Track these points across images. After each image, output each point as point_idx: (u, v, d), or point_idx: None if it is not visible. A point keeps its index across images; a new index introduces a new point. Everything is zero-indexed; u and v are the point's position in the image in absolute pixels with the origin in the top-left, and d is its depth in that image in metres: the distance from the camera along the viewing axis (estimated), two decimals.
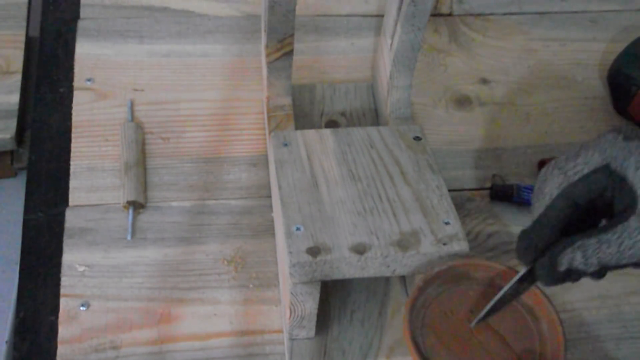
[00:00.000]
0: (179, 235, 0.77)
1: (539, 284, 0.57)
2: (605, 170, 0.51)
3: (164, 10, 0.97)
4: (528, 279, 0.57)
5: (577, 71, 0.96)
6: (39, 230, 0.76)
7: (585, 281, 0.77)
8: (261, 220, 0.79)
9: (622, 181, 0.50)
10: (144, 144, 0.83)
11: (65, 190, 0.79)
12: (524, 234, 0.54)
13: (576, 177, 0.51)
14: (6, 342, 0.76)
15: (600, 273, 0.52)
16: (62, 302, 0.71)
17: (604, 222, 0.54)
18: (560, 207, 0.52)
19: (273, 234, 0.78)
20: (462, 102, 0.92)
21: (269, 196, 0.80)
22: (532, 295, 0.60)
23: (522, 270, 0.57)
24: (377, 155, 0.68)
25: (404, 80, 0.79)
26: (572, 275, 0.52)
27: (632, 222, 0.49)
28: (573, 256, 0.51)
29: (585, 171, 0.51)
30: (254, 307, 0.73)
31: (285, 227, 0.62)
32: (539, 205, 0.53)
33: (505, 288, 0.58)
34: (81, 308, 0.71)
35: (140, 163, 0.80)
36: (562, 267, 0.51)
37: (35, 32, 0.96)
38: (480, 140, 0.88)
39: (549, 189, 0.52)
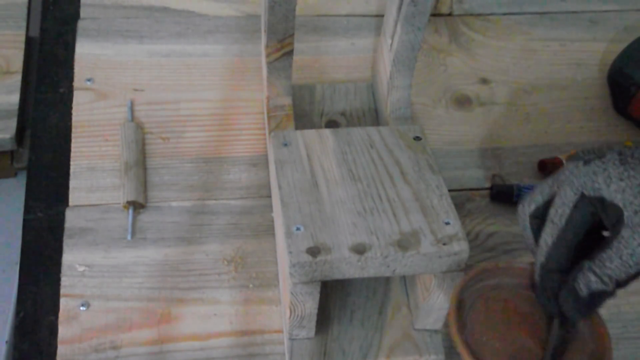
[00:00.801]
0: (179, 235, 0.77)
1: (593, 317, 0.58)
2: (584, 200, 0.52)
3: (164, 10, 0.97)
4: (566, 325, 0.57)
5: (577, 71, 0.96)
6: (39, 230, 0.76)
7: None
8: (261, 220, 0.79)
9: (602, 202, 0.51)
10: (144, 144, 0.83)
11: (65, 190, 0.79)
12: (542, 291, 0.55)
13: (563, 221, 0.53)
14: (6, 342, 0.77)
15: (619, 287, 0.52)
16: (62, 302, 0.72)
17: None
18: (559, 253, 0.54)
19: (273, 234, 0.78)
20: (462, 102, 0.92)
21: (269, 196, 0.80)
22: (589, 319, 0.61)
23: (561, 330, 0.57)
24: (377, 155, 0.68)
25: (404, 80, 0.79)
26: (596, 299, 0.53)
27: (624, 232, 0.50)
28: (588, 279, 0.52)
29: (567, 212, 0.53)
30: (254, 307, 0.73)
31: (285, 227, 0.62)
32: (538, 256, 0.55)
33: (552, 343, 0.58)
34: (81, 308, 0.71)
35: (140, 163, 0.80)
36: (584, 292, 0.53)
37: (35, 32, 0.96)
38: (480, 140, 0.88)
39: (543, 241, 0.54)
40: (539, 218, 0.56)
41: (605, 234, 0.54)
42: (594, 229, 0.54)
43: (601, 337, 0.59)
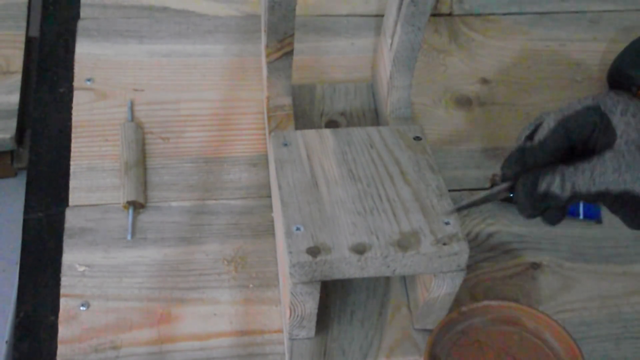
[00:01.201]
0: (179, 235, 0.77)
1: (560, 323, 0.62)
2: (597, 109, 0.56)
3: (164, 10, 0.97)
4: (506, 192, 0.60)
5: (577, 71, 0.96)
6: (39, 230, 0.76)
7: (586, 281, 0.77)
8: (261, 220, 0.79)
9: (608, 123, 0.55)
10: (144, 144, 0.83)
11: (65, 190, 0.79)
12: (518, 150, 0.58)
13: (571, 111, 0.57)
14: (6, 342, 0.77)
15: (571, 201, 0.56)
16: (62, 302, 0.71)
17: None
18: (555, 138, 0.57)
19: (273, 234, 0.78)
20: (462, 102, 0.92)
21: (269, 196, 0.80)
22: (558, 336, 0.62)
23: (504, 184, 0.59)
24: (377, 155, 0.68)
25: (404, 80, 0.79)
26: (548, 199, 0.56)
27: (607, 154, 0.54)
28: (552, 179, 0.55)
29: (579, 107, 0.57)
30: (254, 307, 0.73)
31: (285, 227, 0.62)
32: (538, 135, 0.58)
33: (484, 194, 0.61)
34: (81, 308, 0.71)
35: (140, 163, 0.80)
36: (541, 188, 0.56)
37: (35, 32, 0.96)
38: (480, 140, 0.88)
39: (547, 122, 0.58)
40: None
41: None
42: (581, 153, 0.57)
43: (574, 354, 0.61)
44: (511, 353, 0.62)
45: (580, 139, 0.57)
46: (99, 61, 0.91)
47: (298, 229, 0.62)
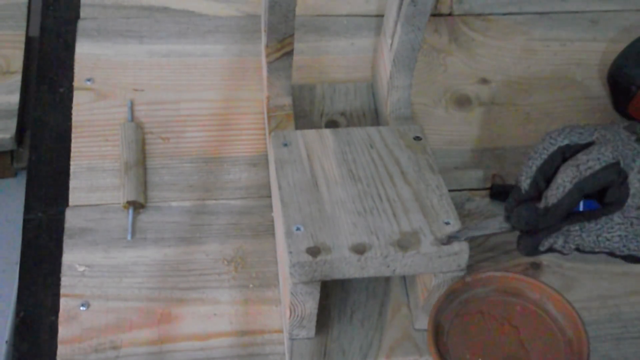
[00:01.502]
0: (179, 235, 0.77)
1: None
2: (616, 167, 0.54)
3: (164, 10, 0.97)
4: (509, 230, 0.60)
5: (577, 71, 0.96)
6: (39, 230, 0.76)
7: (585, 281, 0.77)
8: (261, 220, 0.79)
9: (624, 179, 0.54)
10: (144, 144, 0.83)
11: (65, 190, 0.79)
12: (530, 209, 0.57)
13: (588, 173, 0.55)
14: (6, 342, 0.77)
15: (571, 253, 0.57)
16: (62, 302, 0.71)
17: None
18: (569, 202, 0.56)
19: (273, 234, 0.78)
20: (462, 102, 0.92)
21: (269, 196, 0.80)
22: (561, 308, 0.62)
23: (507, 225, 0.60)
24: (377, 155, 0.68)
25: (404, 80, 0.79)
26: (548, 252, 0.57)
27: (616, 217, 0.54)
28: (556, 239, 0.56)
29: (597, 167, 0.55)
30: (254, 307, 0.73)
31: (285, 227, 0.62)
32: (551, 194, 0.56)
33: (488, 232, 0.62)
34: (81, 308, 0.71)
35: (140, 163, 0.80)
36: (543, 248, 0.56)
37: (35, 32, 0.96)
38: (480, 140, 0.88)
39: (562, 180, 0.56)
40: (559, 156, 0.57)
41: None
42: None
43: (575, 324, 0.61)
44: (513, 323, 0.62)
45: (594, 192, 0.57)
46: (99, 61, 0.91)
47: (298, 229, 0.62)
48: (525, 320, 0.62)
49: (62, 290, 0.72)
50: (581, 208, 0.80)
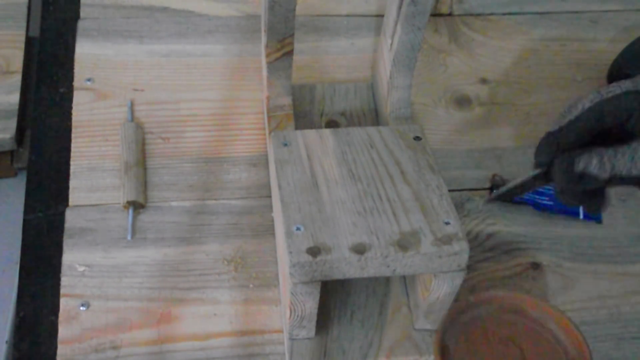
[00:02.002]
0: (179, 235, 0.77)
1: (566, 314, 0.63)
2: (636, 94, 0.55)
3: (164, 10, 0.97)
4: (543, 179, 0.59)
5: (577, 71, 0.96)
6: (39, 230, 0.76)
7: (585, 281, 0.77)
8: (261, 220, 0.79)
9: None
10: (144, 144, 0.83)
11: (65, 190, 0.79)
12: (550, 135, 0.57)
13: (609, 95, 0.55)
14: (6, 342, 0.76)
15: (610, 182, 0.55)
16: (62, 302, 0.72)
17: None
18: (589, 118, 0.56)
19: (273, 234, 0.78)
20: (462, 102, 0.92)
21: (269, 196, 0.80)
22: (563, 325, 0.62)
23: (538, 170, 0.59)
24: (377, 155, 0.68)
25: (404, 80, 0.79)
26: (585, 179, 0.55)
27: None
28: (590, 159, 0.54)
29: (618, 92, 0.55)
30: (254, 307, 0.73)
31: (285, 227, 0.62)
32: (570, 115, 0.57)
33: (520, 180, 0.60)
34: (81, 308, 0.71)
35: (140, 163, 0.80)
36: (579, 168, 0.55)
37: (35, 32, 0.96)
38: (480, 140, 0.88)
39: (582, 103, 0.56)
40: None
41: None
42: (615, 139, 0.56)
43: (578, 342, 0.61)
44: (517, 342, 0.63)
45: (616, 123, 0.56)
46: (99, 61, 0.91)
47: (298, 229, 0.62)
48: (528, 339, 0.63)
49: (62, 290, 0.72)
50: (581, 216, 0.80)
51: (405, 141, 0.70)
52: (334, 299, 0.72)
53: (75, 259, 0.74)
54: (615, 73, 0.92)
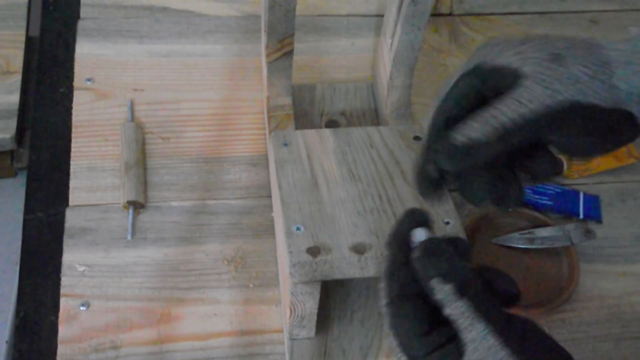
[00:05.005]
0: (179, 235, 0.77)
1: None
2: (475, 69, 0.49)
3: (164, 10, 0.97)
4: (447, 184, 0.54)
5: None
6: (39, 230, 0.76)
7: (585, 281, 0.77)
8: (261, 220, 0.79)
9: (498, 70, 0.48)
10: (144, 144, 0.83)
11: (65, 190, 0.79)
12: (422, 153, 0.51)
13: (447, 90, 0.50)
14: (6, 342, 0.76)
15: (504, 145, 0.47)
16: (62, 302, 0.71)
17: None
18: (444, 108, 0.50)
19: (273, 234, 0.78)
20: None
21: (269, 196, 0.80)
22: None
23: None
24: (377, 155, 0.68)
25: (404, 80, 0.79)
26: (475, 151, 0.47)
27: (524, 82, 0.47)
28: (468, 126, 0.47)
29: (454, 79, 0.50)
30: (254, 307, 0.73)
31: (285, 227, 0.62)
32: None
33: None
34: (81, 308, 0.71)
35: (140, 163, 0.80)
36: (459, 141, 0.47)
37: (35, 32, 0.96)
38: None
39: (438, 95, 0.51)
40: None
41: None
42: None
43: (573, 270, 0.68)
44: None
45: (491, 88, 0.49)
46: (99, 61, 0.91)
47: (298, 228, 0.62)
48: None
49: (62, 290, 0.72)
50: (581, 216, 0.80)
51: (405, 141, 0.70)
52: (334, 299, 0.72)
53: (75, 259, 0.74)
54: None
